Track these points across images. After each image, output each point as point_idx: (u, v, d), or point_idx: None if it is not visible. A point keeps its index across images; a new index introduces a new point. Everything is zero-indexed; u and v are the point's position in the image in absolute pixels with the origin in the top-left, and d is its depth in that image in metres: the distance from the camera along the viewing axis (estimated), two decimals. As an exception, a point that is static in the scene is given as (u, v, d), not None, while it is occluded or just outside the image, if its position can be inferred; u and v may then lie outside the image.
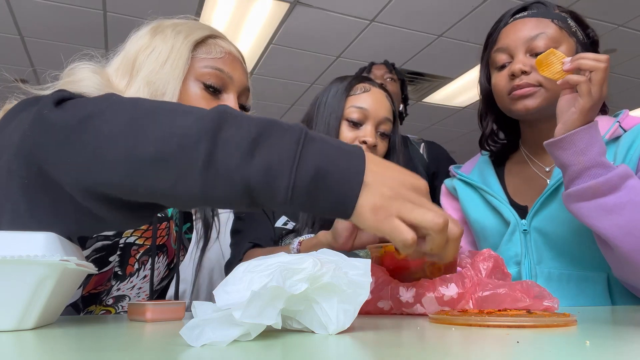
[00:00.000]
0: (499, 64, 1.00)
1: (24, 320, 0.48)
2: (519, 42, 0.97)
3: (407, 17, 3.51)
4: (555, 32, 0.96)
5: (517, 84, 0.95)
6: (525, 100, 0.95)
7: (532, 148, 1.07)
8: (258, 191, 0.48)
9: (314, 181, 0.48)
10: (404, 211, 0.49)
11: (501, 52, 1.00)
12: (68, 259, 0.48)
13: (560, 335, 0.45)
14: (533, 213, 0.99)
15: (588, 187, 0.80)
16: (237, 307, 0.39)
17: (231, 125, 0.48)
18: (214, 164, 0.47)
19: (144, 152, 0.47)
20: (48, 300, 0.49)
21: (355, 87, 1.14)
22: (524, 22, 0.98)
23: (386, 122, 1.14)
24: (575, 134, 0.81)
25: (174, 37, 0.83)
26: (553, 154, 0.85)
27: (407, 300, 0.68)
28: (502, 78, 0.99)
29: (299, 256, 0.48)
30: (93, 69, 0.77)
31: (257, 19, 3.53)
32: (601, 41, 1.05)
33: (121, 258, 0.81)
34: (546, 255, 0.98)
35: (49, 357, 0.36)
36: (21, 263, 0.46)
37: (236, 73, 0.86)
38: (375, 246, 0.82)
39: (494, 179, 1.09)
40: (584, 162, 0.81)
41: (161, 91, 0.78)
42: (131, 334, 0.50)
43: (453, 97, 4.92)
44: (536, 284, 0.68)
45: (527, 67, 0.94)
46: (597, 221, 0.80)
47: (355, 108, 1.11)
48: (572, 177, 0.83)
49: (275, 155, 0.47)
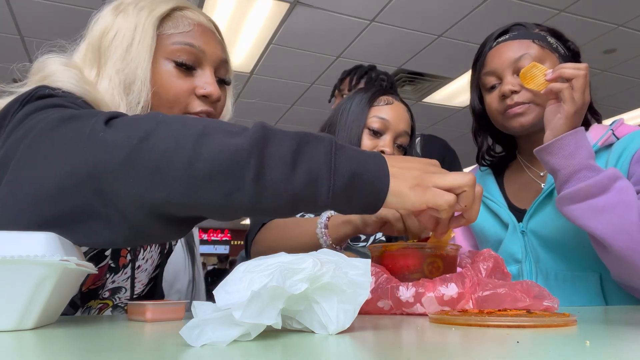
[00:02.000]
0: (489, 86, 1.06)
1: (23, 320, 0.48)
2: (505, 65, 1.02)
3: (407, 17, 3.51)
4: (538, 51, 1.01)
5: (509, 104, 1.01)
6: (519, 117, 1.01)
7: (527, 156, 1.12)
8: (302, 198, 0.54)
9: (349, 183, 0.55)
10: (438, 180, 0.58)
11: (490, 75, 1.05)
12: (68, 259, 0.48)
13: (560, 335, 0.45)
14: (529, 216, 1.03)
15: (579, 190, 0.83)
16: (237, 307, 0.39)
17: (274, 140, 0.53)
18: (262, 176, 0.52)
19: (200, 169, 0.51)
20: (48, 300, 0.49)
21: (379, 98, 1.19)
22: (507, 45, 1.04)
23: (404, 135, 1.18)
24: (563, 139, 0.85)
25: (136, 14, 0.78)
26: (543, 160, 0.89)
27: (407, 300, 0.68)
28: (494, 99, 1.04)
29: (299, 256, 0.48)
30: (64, 62, 0.75)
31: (257, 19, 3.53)
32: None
33: (113, 250, 0.80)
34: (542, 256, 1.02)
35: (49, 357, 0.36)
36: (21, 263, 0.46)
37: (209, 46, 0.82)
38: (375, 246, 0.82)
39: (494, 186, 1.13)
40: (573, 166, 0.84)
41: (131, 79, 0.75)
42: (131, 334, 0.50)
43: (453, 97, 4.92)
44: (536, 284, 0.68)
45: (516, 87, 1.00)
46: (590, 222, 0.83)
47: (377, 118, 1.16)
48: (563, 180, 0.86)
49: (315, 165, 0.54)
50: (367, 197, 0.56)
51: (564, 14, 3.39)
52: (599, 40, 3.66)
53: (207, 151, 0.51)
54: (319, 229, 0.94)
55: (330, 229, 0.93)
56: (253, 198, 0.52)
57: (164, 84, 0.77)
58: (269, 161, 0.52)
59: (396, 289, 0.69)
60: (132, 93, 0.75)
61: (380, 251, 0.80)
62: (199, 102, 0.80)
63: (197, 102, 0.80)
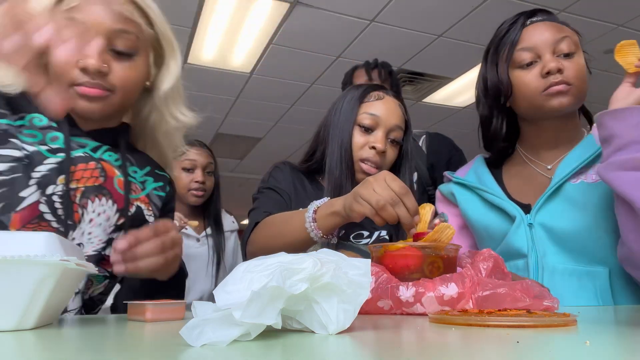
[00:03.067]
0: (524, 62, 1.03)
1: (23, 320, 0.48)
2: (547, 43, 1.01)
3: (407, 17, 3.51)
4: (576, 38, 1.02)
5: (554, 81, 0.99)
6: (561, 97, 1.00)
7: (531, 148, 1.10)
8: None
9: None
10: None
11: (527, 50, 1.03)
12: (68, 259, 0.48)
13: (560, 335, 0.45)
14: (537, 208, 1.01)
15: (632, 159, 0.83)
16: (237, 307, 0.39)
17: None
18: None
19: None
20: (48, 300, 0.49)
21: (369, 94, 1.18)
22: (547, 25, 1.03)
23: (397, 130, 1.17)
24: (632, 109, 0.85)
25: None
26: (604, 124, 0.87)
27: (407, 300, 0.68)
28: (533, 76, 1.02)
29: (299, 256, 0.48)
30: None
31: (257, 19, 3.53)
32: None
33: (66, 207, 0.80)
34: (550, 250, 1.00)
35: (49, 357, 0.36)
36: (22, 263, 0.46)
37: (92, 16, 0.78)
38: (375, 246, 0.82)
39: (491, 179, 1.11)
40: (633, 136, 0.84)
41: None
42: (131, 334, 0.50)
43: (453, 97, 4.92)
44: (536, 284, 0.68)
45: (562, 65, 0.99)
46: (635, 191, 0.82)
47: (367, 114, 1.15)
48: (618, 146, 0.85)
49: None
50: None
51: (564, 13, 3.39)
52: (599, 40, 3.65)
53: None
54: (307, 223, 0.95)
55: (318, 222, 0.95)
56: None
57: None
58: None
59: (396, 288, 0.69)
60: None
61: (381, 251, 0.80)
62: (80, 74, 0.79)
63: (78, 74, 0.79)
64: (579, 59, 1.02)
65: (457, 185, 1.16)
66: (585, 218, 0.96)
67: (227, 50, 3.88)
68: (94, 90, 0.81)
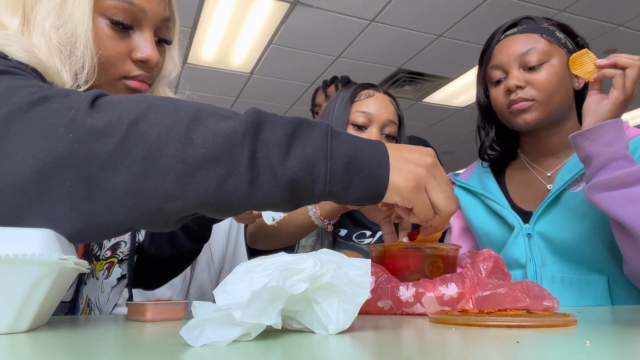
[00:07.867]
0: (495, 80, 1.05)
1: (17, 322, 0.45)
2: (511, 59, 1.01)
3: (407, 17, 3.51)
4: (545, 46, 1.00)
5: (513, 99, 1.00)
6: (524, 114, 1.00)
7: (531, 155, 1.10)
8: (299, 182, 0.52)
9: (347, 167, 0.53)
10: (431, 190, 0.58)
11: (496, 68, 1.04)
12: (66, 258, 0.46)
13: (560, 335, 0.45)
14: (536, 217, 1.01)
15: (614, 178, 0.82)
16: (237, 307, 0.39)
17: (268, 125, 0.52)
18: (257, 160, 0.50)
19: (193, 155, 0.49)
20: (43, 301, 0.47)
21: (359, 93, 1.20)
22: (515, 38, 1.03)
23: (391, 125, 1.18)
24: (604, 126, 0.84)
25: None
26: (579, 145, 0.87)
27: (407, 300, 0.68)
28: (500, 93, 1.04)
29: (299, 256, 0.48)
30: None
31: (257, 19, 3.53)
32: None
33: None
34: (549, 259, 0.99)
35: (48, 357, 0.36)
36: (17, 262, 0.43)
37: (150, 4, 0.73)
38: (375, 246, 0.82)
39: (494, 185, 1.11)
40: (610, 154, 0.83)
41: (71, 39, 0.66)
42: (131, 334, 0.50)
43: (453, 97, 4.92)
44: (536, 284, 0.68)
45: (522, 82, 0.99)
46: (621, 210, 0.82)
47: (359, 113, 1.16)
48: (598, 167, 0.85)
49: (310, 148, 0.52)
50: (367, 184, 0.55)
51: (564, 13, 3.39)
52: (599, 40, 3.66)
53: (199, 136, 0.49)
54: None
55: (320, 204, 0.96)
56: (247, 184, 0.50)
57: (97, 44, 0.69)
58: (263, 145, 0.51)
59: (396, 288, 0.69)
60: (73, 56, 0.67)
61: (381, 251, 0.80)
62: (135, 66, 0.74)
63: (133, 67, 0.74)
64: (549, 68, 0.99)
65: (461, 189, 1.16)
66: (584, 227, 0.96)
67: (227, 50, 3.88)
68: (144, 85, 0.76)
